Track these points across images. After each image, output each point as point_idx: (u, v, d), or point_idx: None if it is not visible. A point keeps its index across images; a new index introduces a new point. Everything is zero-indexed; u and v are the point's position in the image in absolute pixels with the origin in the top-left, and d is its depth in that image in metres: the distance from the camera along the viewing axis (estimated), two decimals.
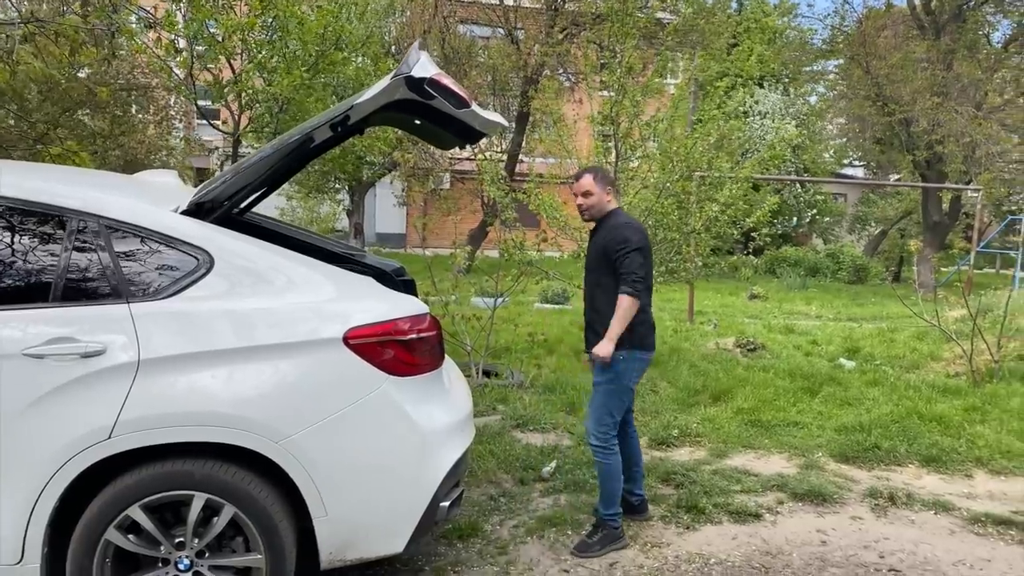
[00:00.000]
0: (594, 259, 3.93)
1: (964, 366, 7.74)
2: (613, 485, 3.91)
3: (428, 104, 3.06)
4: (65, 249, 2.76)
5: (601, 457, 3.89)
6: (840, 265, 20.66)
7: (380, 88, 2.94)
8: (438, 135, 3.62)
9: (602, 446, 3.87)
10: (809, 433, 5.90)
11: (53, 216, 2.81)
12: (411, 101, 3.04)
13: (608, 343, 3.68)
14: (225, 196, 3.00)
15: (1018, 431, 5.90)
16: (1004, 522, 4.36)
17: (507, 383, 6.83)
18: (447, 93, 3.04)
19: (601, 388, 3.88)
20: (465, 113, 3.17)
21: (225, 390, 2.73)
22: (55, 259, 2.76)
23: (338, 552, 2.91)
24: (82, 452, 2.62)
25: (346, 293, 2.99)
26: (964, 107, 15.96)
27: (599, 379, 3.88)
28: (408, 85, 2.94)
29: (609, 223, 3.90)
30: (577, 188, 3.93)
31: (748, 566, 3.78)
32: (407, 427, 2.96)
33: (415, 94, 2.98)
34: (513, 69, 16.75)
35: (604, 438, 3.87)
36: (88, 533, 2.69)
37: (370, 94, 2.97)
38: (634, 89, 6.40)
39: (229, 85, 6.38)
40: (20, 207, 2.81)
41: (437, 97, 3.02)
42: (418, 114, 3.25)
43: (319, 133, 3.08)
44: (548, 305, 12.15)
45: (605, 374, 3.84)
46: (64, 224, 2.79)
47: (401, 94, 2.98)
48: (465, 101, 3.12)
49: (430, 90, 2.98)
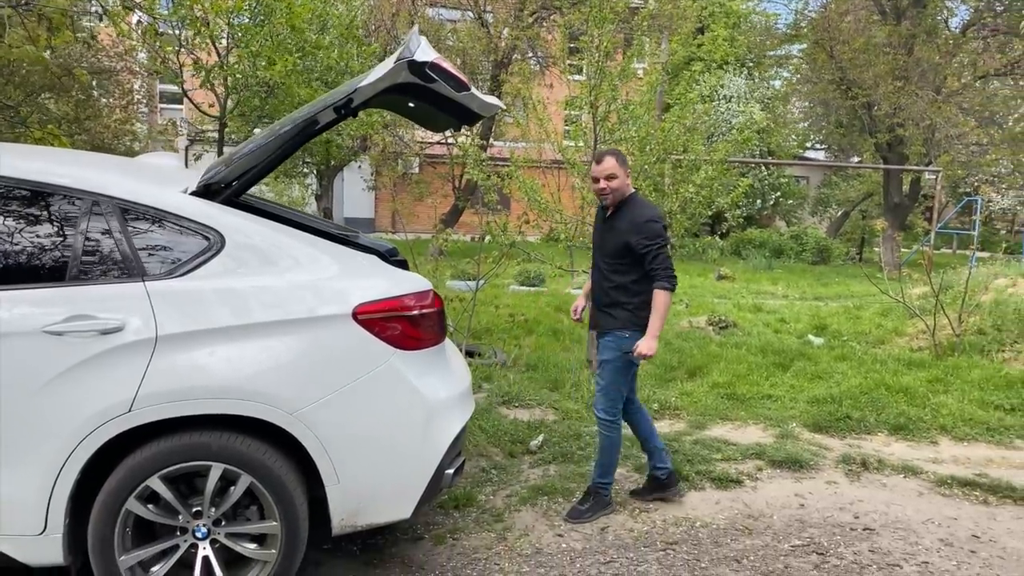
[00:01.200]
0: (612, 244, 3.93)
1: (927, 340, 8.05)
2: (612, 456, 4.08)
3: (428, 87, 3.17)
4: (80, 230, 2.84)
5: (608, 431, 4.03)
6: (804, 246, 21.08)
7: (383, 72, 3.04)
8: (432, 118, 3.73)
9: (611, 420, 4.01)
10: (783, 405, 6.14)
11: (70, 198, 2.88)
12: (412, 84, 3.14)
13: (652, 340, 3.78)
14: (233, 177, 3.08)
15: (978, 400, 6.20)
16: (968, 484, 4.63)
17: (490, 362, 6.97)
18: (447, 76, 3.15)
19: (610, 366, 3.98)
20: (465, 96, 3.28)
21: (240, 364, 2.84)
22: (72, 240, 2.83)
23: (349, 518, 3.04)
24: (103, 425, 2.71)
25: (353, 271, 3.11)
26: (924, 91, 16.36)
27: (608, 357, 3.98)
28: (410, 69, 3.04)
29: (633, 212, 3.89)
30: (599, 171, 3.88)
31: (732, 528, 3.99)
32: (414, 398, 3.09)
33: (417, 77, 3.08)
34: (483, 53, 16.78)
35: (613, 412, 4.01)
36: (109, 503, 2.78)
37: (373, 78, 3.06)
38: (612, 74, 6.54)
39: (215, 70, 6.39)
40: (38, 189, 2.88)
41: (438, 80, 3.13)
42: (417, 97, 3.36)
43: (323, 116, 3.17)
44: (524, 288, 12.30)
45: (614, 352, 3.94)
46: (80, 205, 2.86)
47: (404, 77, 3.08)
48: (465, 84, 3.23)
49: (431, 73, 3.08)
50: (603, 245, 4.03)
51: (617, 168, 3.86)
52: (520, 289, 12.20)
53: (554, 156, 7.43)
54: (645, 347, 3.79)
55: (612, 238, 3.94)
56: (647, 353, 3.79)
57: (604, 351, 4.02)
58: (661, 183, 7.16)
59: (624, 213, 3.93)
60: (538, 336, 8.42)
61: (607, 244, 3.99)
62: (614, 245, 3.92)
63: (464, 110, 3.46)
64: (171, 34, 6.68)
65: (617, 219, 3.95)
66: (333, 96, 3.21)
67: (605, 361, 4.01)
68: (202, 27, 6.10)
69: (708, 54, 11.44)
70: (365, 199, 25.85)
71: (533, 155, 8.23)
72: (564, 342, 8.18)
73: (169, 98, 20.32)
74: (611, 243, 3.95)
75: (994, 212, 28.42)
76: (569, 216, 7.16)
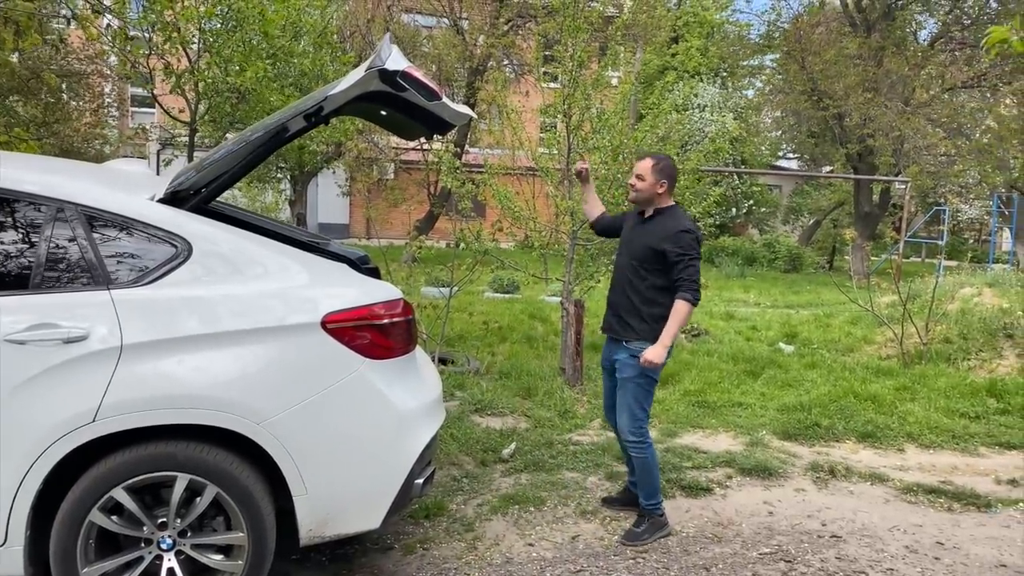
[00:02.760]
0: (642, 250, 3.89)
1: (895, 349, 8.17)
2: (653, 475, 3.98)
3: (400, 96, 3.17)
4: (45, 237, 2.80)
5: (638, 451, 3.93)
6: (776, 254, 21.30)
7: (354, 80, 3.03)
8: (405, 126, 3.72)
9: (639, 440, 3.92)
10: (753, 413, 6.19)
11: (33, 204, 2.83)
12: (384, 93, 3.14)
13: (662, 348, 3.74)
14: (202, 183, 3.06)
15: (944, 408, 6.30)
16: (933, 491, 4.69)
17: (463, 370, 6.96)
18: (419, 85, 3.14)
19: (631, 383, 3.90)
20: (436, 105, 3.28)
21: (207, 373, 2.81)
22: (36, 247, 2.79)
23: (317, 529, 3.01)
24: (67, 435, 2.66)
25: (323, 279, 3.09)
26: (893, 102, 16.63)
27: (629, 375, 3.89)
28: (381, 77, 3.02)
29: (671, 223, 3.86)
30: (637, 166, 3.96)
31: (702, 536, 4.01)
32: (383, 408, 3.07)
33: (388, 86, 3.08)
34: (459, 60, 16.80)
35: (640, 432, 3.93)
36: (72, 515, 2.73)
37: (344, 85, 3.05)
38: (585, 82, 6.58)
39: (185, 75, 6.33)
40: (1, 195, 2.83)
41: (409, 89, 3.12)
42: (388, 105, 3.35)
43: (293, 123, 3.16)
44: (499, 295, 12.30)
45: (636, 369, 3.85)
46: (44, 212, 2.82)
47: (375, 86, 3.07)
48: (436, 93, 3.23)
49: (403, 82, 3.08)
50: (632, 249, 3.96)
51: (648, 172, 3.88)
52: (495, 296, 12.21)
53: (529, 163, 7.45)
54: (652, 354, 3.73)
55: (643, 241, 3.90)
56: (655, 361, 3.73)
57: (625, 369, 3.91)
58: None
59: (660, 220, 3.91)
60: (512, 343, 8.42)
61: (636, 244, 3.94)
62: (643, 248, 3.88)
63: (436, 119, 3.46)
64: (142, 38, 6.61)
65: (652, 224, 3.94)
66: (304, 103, 3.20)
67: (626, 379, 3.92)
68: (173, 32, 6.04)
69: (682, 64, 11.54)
70: (340, 205, 25.74)
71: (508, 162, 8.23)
72: (538, 350, 8.19)
73: (140, 102, 20.10)
74: (641, 245, 3.90)
75: (962, 222, 28.91)
76: (543, 224, 7.17)
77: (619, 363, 3.96)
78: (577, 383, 6.72)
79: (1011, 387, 6.75)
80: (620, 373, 3.95)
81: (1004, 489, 4.83)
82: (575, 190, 6.73)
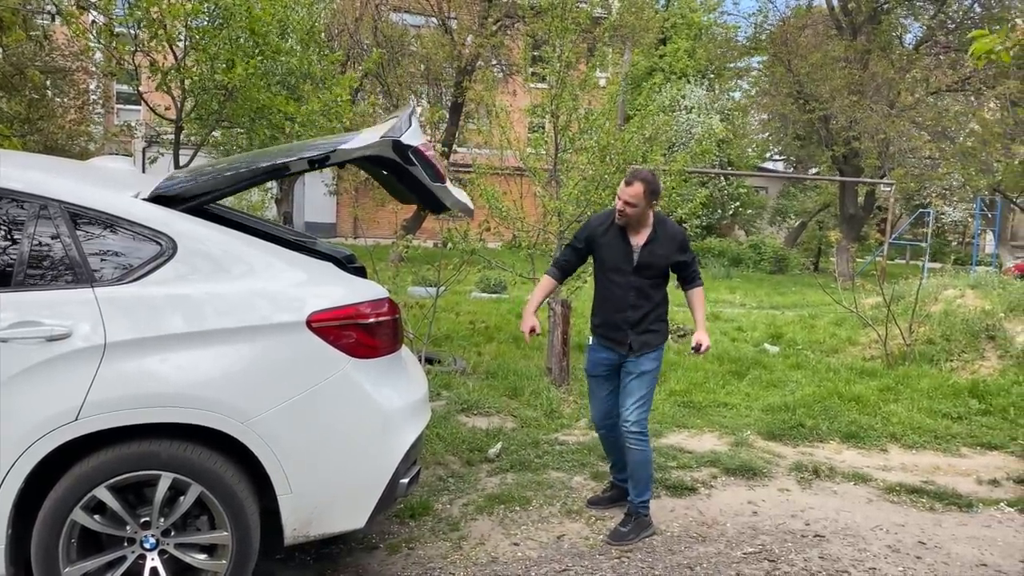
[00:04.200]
0: (656, 268, 3.97)
1: (879, 350, 8.23)
2: (648, 472, 4.02)
3: (406, 168, 3.25)
4: (28, 234, 2.78)
5: (642, 445, 3.93)
6: (762, 256, 21.41)
7: (367, 141, 3.10)
8: (402, 193, 3.76)
9: (643, 432, 3.93)
10: (738, 413, 6.22)
11: (16, 201, 2.81)
12: (391, 161, 3.23)
13: (706, 332, 4.11)
14: (196, 193, 3.04)
15: (927, 409, 6.35)
16: (916, 491, 4.73)
17: (450, 370, 6.96)
18: (427, 164, 3.25)
19: (648, 376, 3.97)
20: (438, 187, 3.38)
21: (191, 372, 2.80)
22: (19, 244, 2.76)
23: (302, 528, 3.00)
24: (49, 433, 2.64)
25: (308, 278, 3.08)
26: (879, 105, 16.74)
27: (650, 368, 3.97)
28: (394, 147, 3.13)
29: (672, 234, 4.01)
30: (624, 193, 3.83)
31: (687, 535, 4.03)
32: (368, 407, 3.07)
33: (398, 157, 3.18)
34: (447, 59, 16.79)
35: (645, 424, 3.95)
36: (54, 514, 2.71)
37: (355, 144, 3.12)
38: (573, 83, 6.59)
39: (171, 72, 6.28)
40: None
41: (417, 165, 3.22)
42: (391, 171, 3.43)
43: (296, 165, 3.22)
44: (486, 295, 12.30)
45: (656, 363, 3.99)
46: (27, 209, 2.80)
47: (385, 153, 3.17)
48: (442, 176, 3.34)
49: (413, 157, 3.18)
50: (642, 266, 3.95)
51: (641, 198, 3.83)
52: (482, 296, 12.21)
53: (517, 164, 7.45)
54: (708, 339, 4.11)
55: (657, 261, 3.97)
56: (709, 344, 4.12)
57: (646, 362, 3.96)
58: None
59: (662, 236, 3.97)
60: (499, 343, 8.42)
61: (648, 264, 3.95)
62: (659, 267, 3.98)
63: (434, 199, 3.52)
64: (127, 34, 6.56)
65: (657, 244, 3.96)
66: (311, 149, 3.28)
67: (646, 372, 3.96)
68: (159, 29, 6.00)
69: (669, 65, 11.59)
70: (327, 204, 25.65)
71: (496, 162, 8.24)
72: (524, 349, 8.19)
73: (126, 99, 19.94)
74: (655, 265, 3.97)
75: (946, 224, 29.13)
76: (531, 224, 7.18)
77: (633, 362, 3.98)
78: (563, 383, 6.73)
79: (993, 388, 6.81)
80: (638, 367, 3.97)
81: (985, 489, 4.88)
82: (562, 190, 6.75)
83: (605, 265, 4.05)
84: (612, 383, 4.13)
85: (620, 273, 3.99)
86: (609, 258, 4.02)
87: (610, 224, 4.00)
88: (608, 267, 4.04)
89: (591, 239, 4.07)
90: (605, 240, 4.02)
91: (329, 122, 7.11)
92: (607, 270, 4.05)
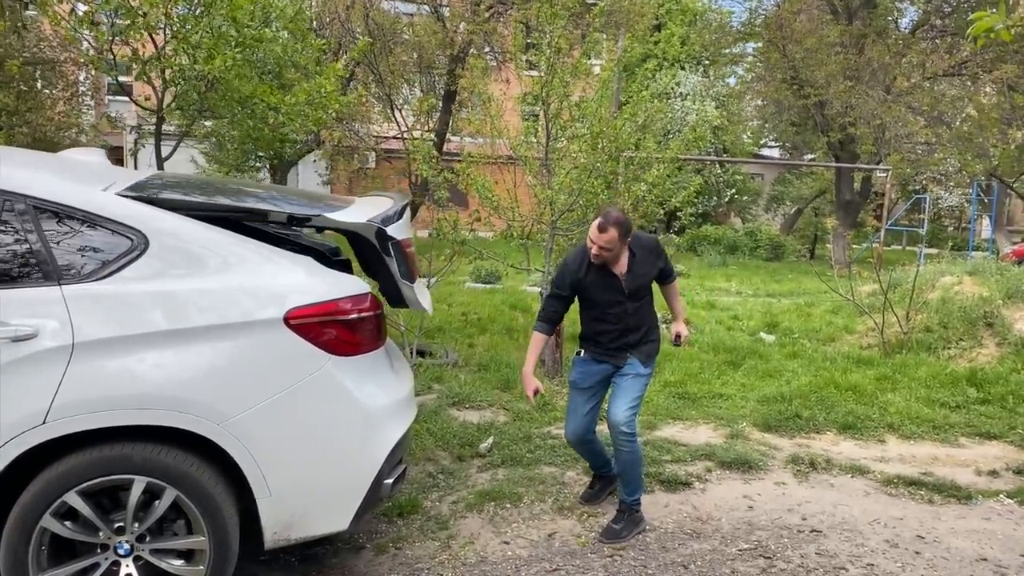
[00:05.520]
0: (645, 286, 3.98)
1: (876, 338, 8.14)
2: (639, 471, 3.95)
3: (382, 255, 3.24)
4: None
5: (631, 446, 3.83)
6: (758, 243, 21.31)
7: (351, 219, 3.12)
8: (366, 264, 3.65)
9: (634, 434, 3.85)
10: (734, 404, 6.14)
11: None
12: (369, 243, 3.25)
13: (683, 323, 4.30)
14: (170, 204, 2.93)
15: (925, 398, 6.27)
16: (914, 483, 4.65)
17: (442, 362, 6.86)
18: (404, 260, 3.26)
19: (642, 379, 3.93)
20: (405, 283, 3.35)
21: (164, 372, 2.70)
22: None
23: (282, 532, 2.91)
24: (16, 438, 2.55)
25: (286, 273, 2.97)
26: (875, 90, 16.59)
27: (646, 371, 3.96)
28: (377, 234, 3.13)
29: (642, 247, 3.95)
30: (600, 239, 3.71)
31: (680, 532, 3.94)
32: (350, 406, 2.97)
33: (378, 244, 3.20)
34: (439, 47, 16.59)
35: (635, 426, 3.88)
36: (22, 520, 2.62)
37: (341, 218, 3.14)
38: (563, 70, 6.45)
39: (151, 61, 6.13)
40: None
41: (392, 258, 3.21)
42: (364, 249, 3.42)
43: (276, 216, 3.21)
44: (480, 285, 12.20)
45: (650, 366, 4.01)
46: None
47: (367, 235, 3.20)
48: (413, 275, 3.38)
49: (391, 248, 3.18)
50: (631, 290, 3.89)
51: (617, 242, 3.73)
52: (476, 286, 12.10)
53: (509, 152, 7.32)
54: (686, 329, 4.31)
55: (643, 281, 3.96)
56: (688, 333, 4.34)
57: (637, 367, 3.93)
58: (614, 181, 7.10)
59: (639, 251, 3.92)
60: (492, 335, 8.33)
61: (637, 286, 3.92)
62: (646, 284, 4.00)
63: (396, 291, 3.46)
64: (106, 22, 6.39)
65: (637, 264, 3.91)
66: (297, 206, 3.29)
67: (642, 374, 3.93)
68: (138, 16, 5.84)
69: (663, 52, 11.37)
70: None
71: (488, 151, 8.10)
72: (518, 341, 8.09)
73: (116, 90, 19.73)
74: (642, 284, 3.96)
75: (942, 210, 29.05)
76: (525, 214, 7.05)
77: (631, 364, 3.93)
78: (556, 375, 6.63)
79: (991, 376, 6.73)
80: (635, 369, 3.92)
81: (984, 480, 4.80)
82: (554, 179, 6.63)
83: (598, 302, 3.93)
84: (597, 397, 4.07)
85: (615, 305, 3.90)
86: (600, 296, 3.91)
87: (587, 263, 3.86)
88: (601, 303, 3.92)
89: (575, 284, 3.91)
90: (589, 280, 3.88)
91: (315, 112, 6.97)
92: (600, 305, 3.93)
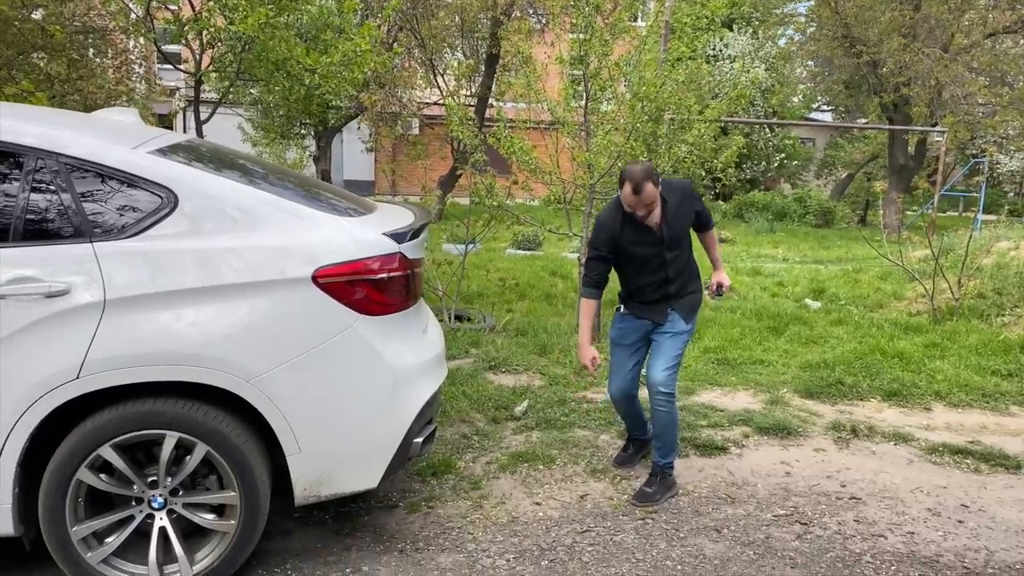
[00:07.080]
0: (681, 232, 3.85)
1: (926, 304, 7.91)
2: (675, 434, 3.89)
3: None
4: (24, 188, 2.70)
5: (669, 407, 3.77)
6: (807, 209, 20.82)
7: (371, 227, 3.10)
8: None
9: (672, 395, 3.78)
10: (775, 370, 6.02)
11: (10, 154, 2.73)
12: None
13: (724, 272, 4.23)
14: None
15: (975, 366, 6.08)
16: (960, 451, 4.52)
17: (479, 327, 6.86)
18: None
19: (683, 336, 3.85)
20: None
21: (194, 329, 2.72)
22: (13, 198, 2.69)
23: (312, 488, 2.94)
24: (51, 392, 2.60)
25: (315, 232, 2.96)
26: (931, 49, 15.97)
27: (687, 328, 3.87)
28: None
29: (673, 191, 3.80)
30: (643, 200, 3.57)
31: (715, 496, 3.89)
32: (379, 365, 2.97)
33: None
34: (482, 9, 16.40)
35: (674, 387, 3.81)
36: (59, 473, 2.68)
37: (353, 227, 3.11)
38: (602, 28, 6.31)
39: (189, 23, 6.15)
40: None
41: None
42: None
43: None
44: (520, 251, 12.15)
45: (692, 322, 3.91)
46: (22, 163, 2.72)
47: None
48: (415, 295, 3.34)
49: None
50: (670, 239, 3.77)
51: (657, 195, 3.61)
52: (516, 253, 12.06)
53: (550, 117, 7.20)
54: (728, 279, 4.23)
55: (680, 226, 3.83)
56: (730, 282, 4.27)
57: (678, 323, 3.85)
58: (654, 143, 6.96)
59: (670, 196, 3.78)
60: (531, 301, 8.29)
61: (675, 234, 3.79)
62: (683, 230, 3.87)
63: None
64: None
65: (671, 210, 3.77)
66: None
67: (682, 332, 3.84)
68: None
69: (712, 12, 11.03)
70: (365, 161, 25.57)
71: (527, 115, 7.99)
72: (556, 307, 8.06)
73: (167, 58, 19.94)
74: (680, 230, 3.83)
75: (1001, 175, 28.01)
76: (567, 179, 6.95)
77: (671, 322, 3.85)
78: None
79: None
80: (675, 327, 3.84)
81: None
82: (593, 140, 6.53)
83: (636, 256, 3.82)
84: (640, 354, 4.00)
85: (655, 258, 3.80)
86: (639, 252, 3.80)
87: (621, 218, 3.75)
88: (639, 257, 3.82)
89: (614, 243, 3.79)
90: (626, 238, 3.77)
91: (351, 73, 6.93)
92: (638, 259, 3.83)
